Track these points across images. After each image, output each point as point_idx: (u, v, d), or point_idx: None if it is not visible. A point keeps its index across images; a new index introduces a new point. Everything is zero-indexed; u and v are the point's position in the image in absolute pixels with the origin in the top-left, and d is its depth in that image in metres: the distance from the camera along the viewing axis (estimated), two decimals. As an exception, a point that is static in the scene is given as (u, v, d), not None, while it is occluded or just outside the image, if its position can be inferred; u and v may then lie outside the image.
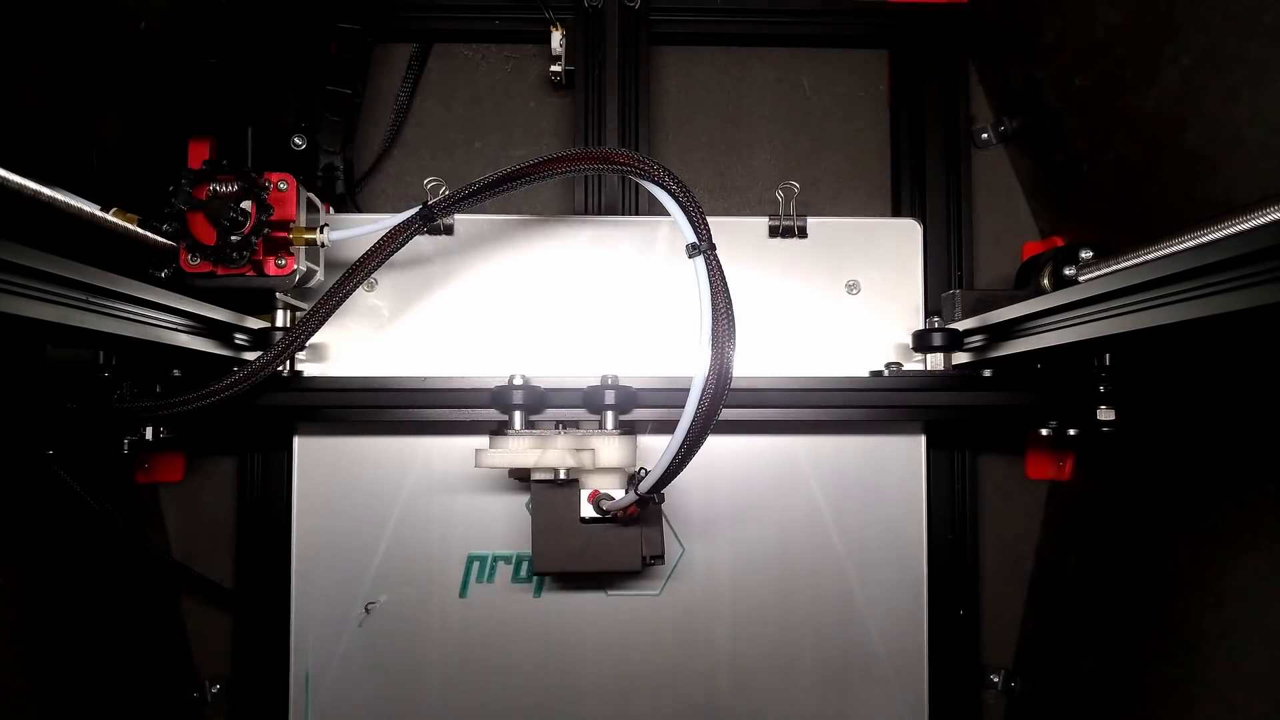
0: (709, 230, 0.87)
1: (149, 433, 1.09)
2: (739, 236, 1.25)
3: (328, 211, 1.22)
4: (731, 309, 0.84)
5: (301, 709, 1.21)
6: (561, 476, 1.01)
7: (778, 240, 1.26)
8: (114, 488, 1.20)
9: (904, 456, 1.25)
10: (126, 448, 1.09)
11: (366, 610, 1.21)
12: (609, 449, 1.02)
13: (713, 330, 0.84)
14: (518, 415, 1.07)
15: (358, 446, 1.22)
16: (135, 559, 1.21)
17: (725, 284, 0.85)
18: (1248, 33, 0.89)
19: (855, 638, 1.24)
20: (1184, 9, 0.96)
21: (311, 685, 1.21)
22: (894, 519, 1.25)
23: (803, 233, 1.26)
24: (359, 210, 1.36)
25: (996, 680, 1.35)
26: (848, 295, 1.26)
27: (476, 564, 1.22)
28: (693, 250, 0.86)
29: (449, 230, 1.23)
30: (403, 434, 1.22)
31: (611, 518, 1.04)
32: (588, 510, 1.04)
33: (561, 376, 1.13)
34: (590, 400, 1.10)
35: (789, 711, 1.24)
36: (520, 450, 1.01)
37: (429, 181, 1.13)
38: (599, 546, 1.05)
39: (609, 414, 1.07)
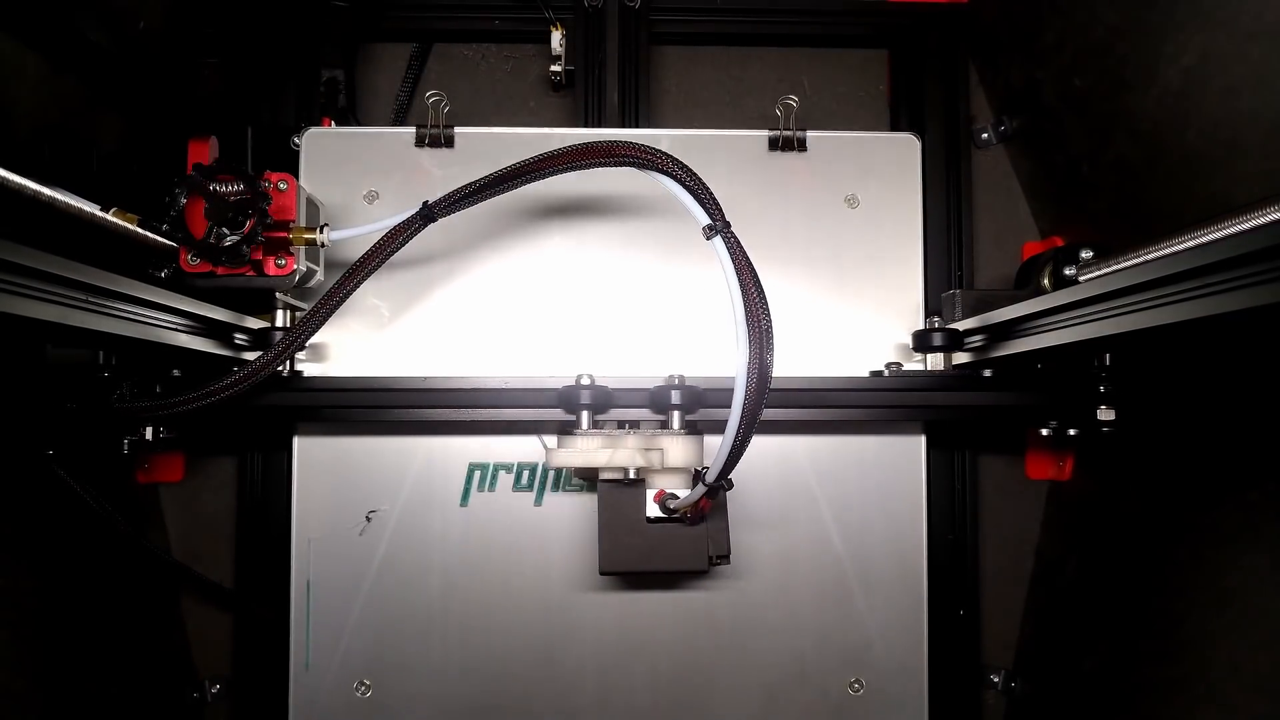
0: (722, 210, 0.86)
1: (149, 433, 1.09)
2: (739, 147, 1.26)
3: (328, 125, 1.21)
4: (758, 280, 0.83)
5: (303, 615, 1.21)
6: (631, 476, 1.01)
7: (777, 153, 1.25)
8: (114, 488, 1.20)
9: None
10: (126, 448, 1.08)
11: (368, 519, 1.21)
12: (677, 449, 1.03)
13: (745, 308, 0.83)
14: (585, 415, 1.07)
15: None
16: (135, 559, 1.21)
17: (748, 259, 0.84)
18: (1248, 33, 0.89)
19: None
20: (1184, 9, 0.96)
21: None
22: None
23: (802, 145, 1.26)
24: (359, 124, 1.35)
25: (996, 680, 1.35)
26: (847, 209, 1.26)
27: (478, 472, 1.22)
28: (709, 231, 0.85)
29: (449, 142, 1.24)
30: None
31: (677, 518, 1.04)
32: (653, 510, 1.04)
33: (626, 376, 1.13)
34: (656, 400, 1.10)
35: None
36: (591, 450, 1.01)
37: (430, 96, 1.11)
38: (665, 546, 1.04)
39: (675, 414, 1.07)
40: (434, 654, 1.21)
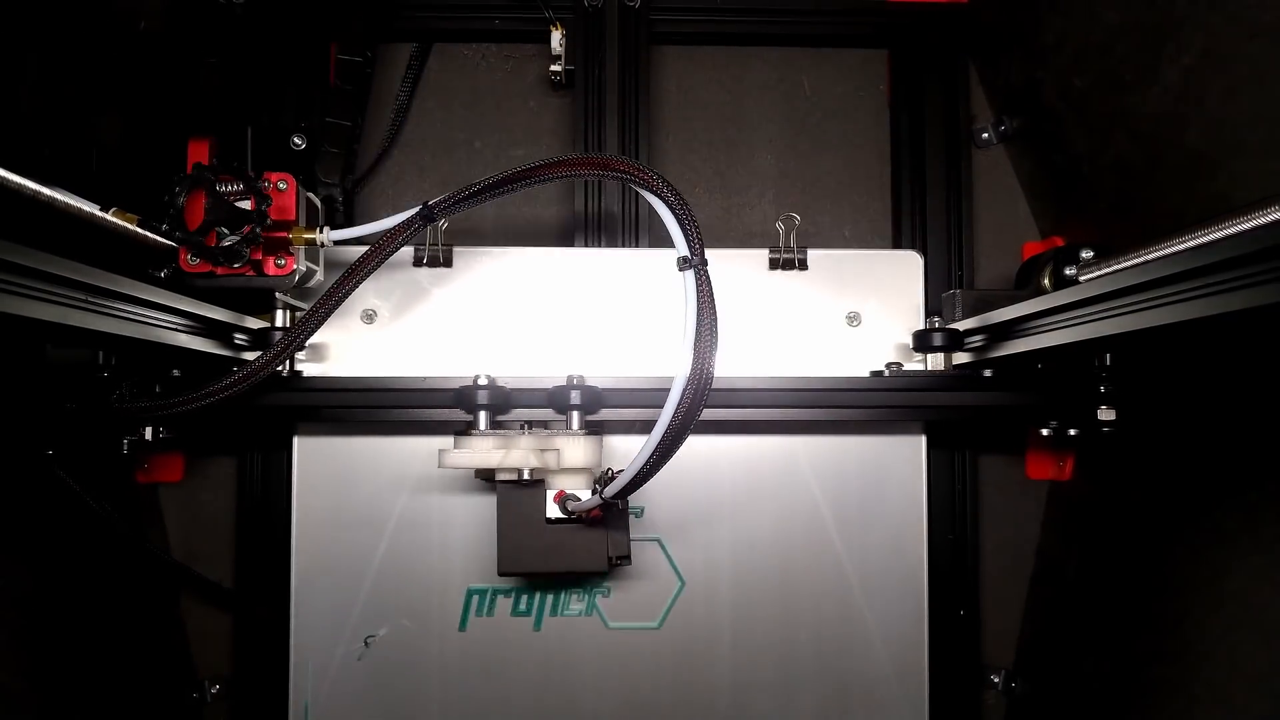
0: (703, 245, 0.86)
1: (149, 433, 1.09)
2: (740, 267, 1.25)
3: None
4: (715, 324, 0.84)
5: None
6: (526, 477, 1.00)
7: (777, 272, 1.25)
8: (114, 488, 1.20)
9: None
10: (126, 448, 1.08)
11: (366, 644, 1.21)
12: (574, 449, 1.02)
13: (695, 343, 0.83)
14: (483, 415, 1.07)
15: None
16: (135, 559, 1.21)
17: (713, 299, 0.84)
18: (1248, 33, 0.89)
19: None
20: (1184, 9, 0.96)
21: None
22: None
23: (803, 265, 1.25)
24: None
25: (997, 680, 1.35)
26: (848, 327, 1.25)
27: (476, 597, 1.22)
28: (684, 264, 0.86)
29: (448, 262, 1.23)
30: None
31: (578, 518, 1.04)
32: (554, 511, 1.04)
33: (528, 376, 1.13)
34: (555, 400, 1.10)
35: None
36: (484, 450, 1.01)
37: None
38: (565, 547, 1.05)
39: (575, 414, 1.07)
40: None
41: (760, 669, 1.24)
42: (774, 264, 1.25)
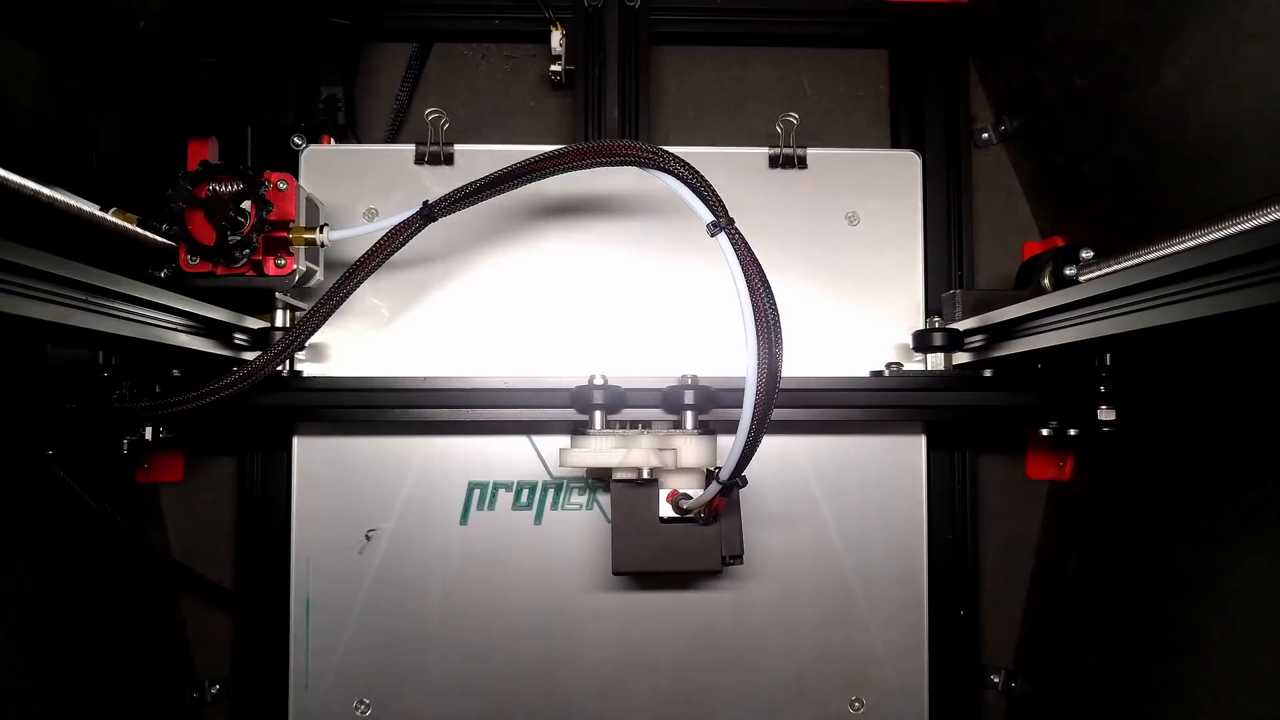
0: (724, 206, 0.86)
1: (149, 433, 1.09)
2: (740, 165, 1.26)
3: (328, 143, 1.21)
4: (764, 274, 0.83)
5: (302, 632, 1.21)
6: (645, 476, 1.01)
7: (777, 170, 1.25)
8: (114, 488, 1.20)
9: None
10: (126, 448, 1.09)
11: (367, 537, 1.21)
12: (691, 449, 1.03)
13: (752, 304, 0.83)
14: (598, 415, 1.07)
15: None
16: (135, 559, 1.21)
17: (754, 256, 0.84)
18: (1248, 33, 0.89)
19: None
20: (1184, 9, 0.96)
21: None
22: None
23: (802, 163, 1.26)
24: (359, 141, 1.35)
25: (997, 680, 1.35)
26: (848, 226, 1.26)
27: (477, 491, 1.22)
28: (713, 228, 0.85)
29: (449, 160, 1.23)
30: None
31: (690, 518, 1.04)
32: (666, 510, 1.04)
33: (641, 376, 1.13)
34: (670, 400, 1.10)
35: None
36: (604, 450, 1.01)
37: (430, 113, 1.11)
38: (678, 547, 1.05)
39: (689, 414, 1.07)
40: (433, 672, 1.21)
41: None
42: (773, 161, 1.26)
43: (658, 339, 1.25)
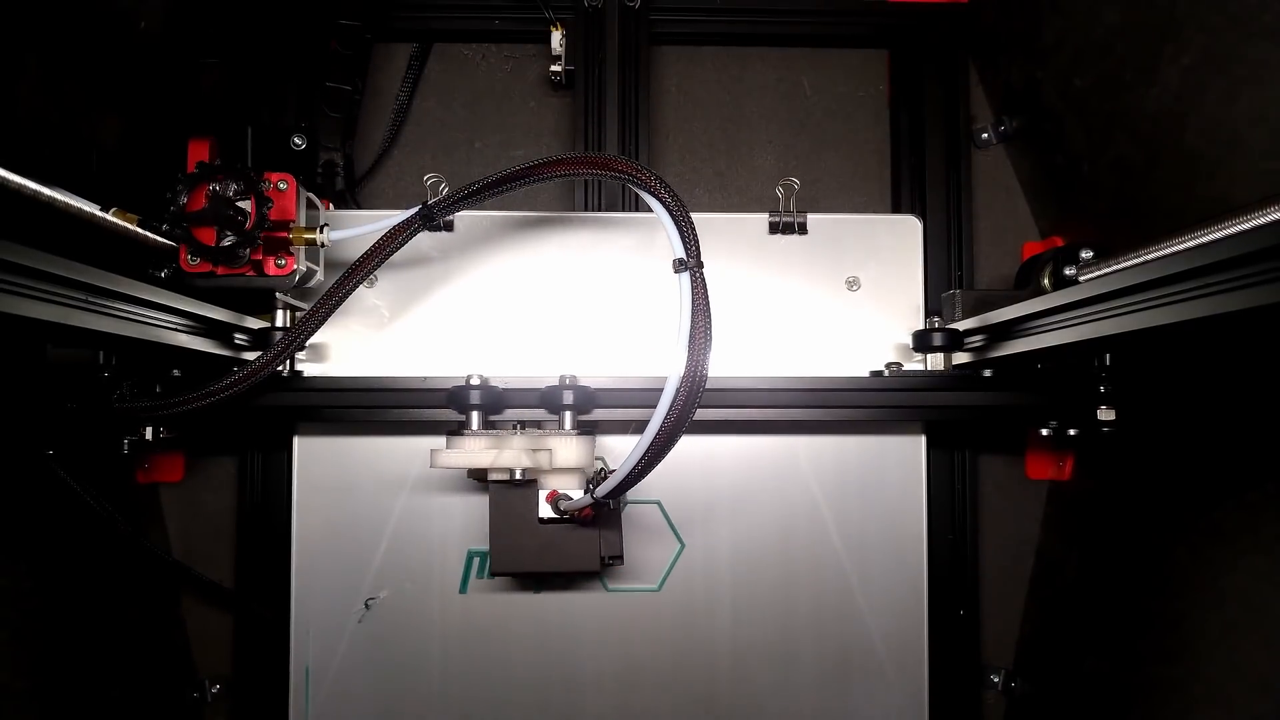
0: (699, 248, 0.86)
1: (149, 433, 1.09)
2: (740, 231, 1.25)
3: (327, 208, 1.22)
4: (710, 326, 0.84)
5: (302, 704, 1.21)
6: (518, 477, 1.00)
7: (778, 236, 1.26)
8: (114, 488, 1.20)
9: (904, 456, 1.25)
10: (126, 448, 1.09)
11: (367, 606, 1.21)
12: (566, 449, 1.02)
13: (689, 344, 0.84)
14: (475, 415, 1.07)
15: (358, 446, 1.22)
16: (135, 559, 1.21)
17: (707, 302, 0.85)
18: (1248, 33, 0.89)
19: (855, 637, 1.24)
20: (1184, 9, 0.96)
21: (312, 681, 1.21)
22: (894, 519, 1.25)
23: (802, 229, 1.26)
24: (359, 207, 1.36)
25: (996, 680, 1.35)
26: (848, 292, 1.26)
27: (476, 559, 1.22)
28: (679, 266, 0.86)
29: (449, 227, 1.23)
30: (403, 434, 1.22)
31: (570, 518, 1.04)
32: (546, 510, 1.04)
33: (521, 377, 1.13)
34: (548, 400, 1.10)
35: (789, 711, 1.24)
36: (476, 450, 1.01)
37: (429, 178, 1.13)
38: (557, 547, 1.05)
39: (567, 414, 1.08)
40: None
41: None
42: (774, 228, 1.25)
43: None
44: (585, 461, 1.04)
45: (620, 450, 1.16)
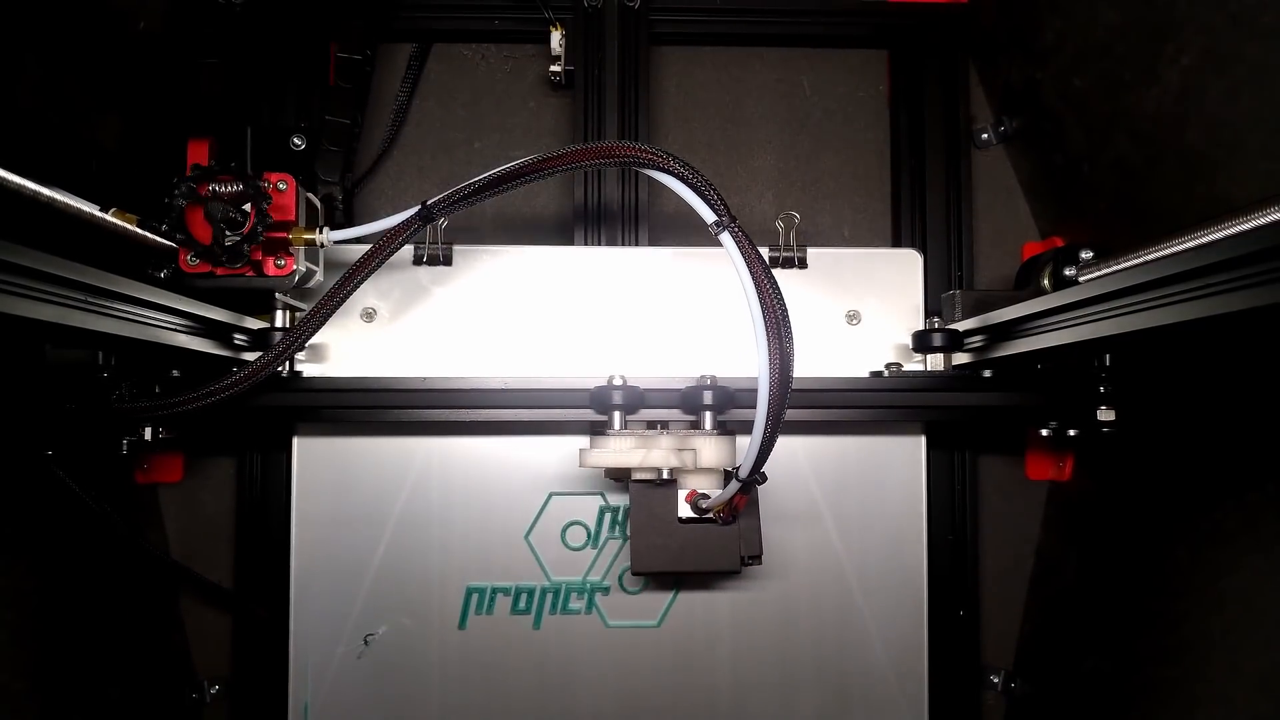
0: (726, 204, 0.86)
1: (148, 433, 1.08)
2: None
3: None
4: (771, 275, 0.84)
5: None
6: (665, 476, 1.01)
7: (777, 271, 1.25)
8: (113, 488, 1.20)
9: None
10: (125, 448, 1.08)
11: (366, 642, 1.21)
12: (710, 449, 1.03)
13: (760, 300, 0.83)
14: (617, 415, 1.07)
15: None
16: (135, 559, 1.21)
17: (758, 253, 0.84)
18: (1248, 33, 0.89)
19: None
20: (1184, 9, 0.96)
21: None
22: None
23: (802, 264, 1.25)
24: (357, 240, 1.35)
25: (996, 681, 1.35)
26: (848, 326, 1.25)
27: (475, 595, 1.22)
28: (716, 227, 0.85)
29: (447, 261, 1.23)
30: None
31: (709, 518, 1.04)
32: (685, 510, 1.05)
33: (658, 377, 1.13)
34: (689, 400, 1.09)
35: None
36: (624, 450, 1.01)
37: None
38: (697, 547, 1.05)
39: (708, 414, 1.07)
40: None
41: (760, 669, 1.24)
42: (773, 262, 1.25)
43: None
44: (726, 461, 1.03)
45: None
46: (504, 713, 1.22)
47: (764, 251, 1.23)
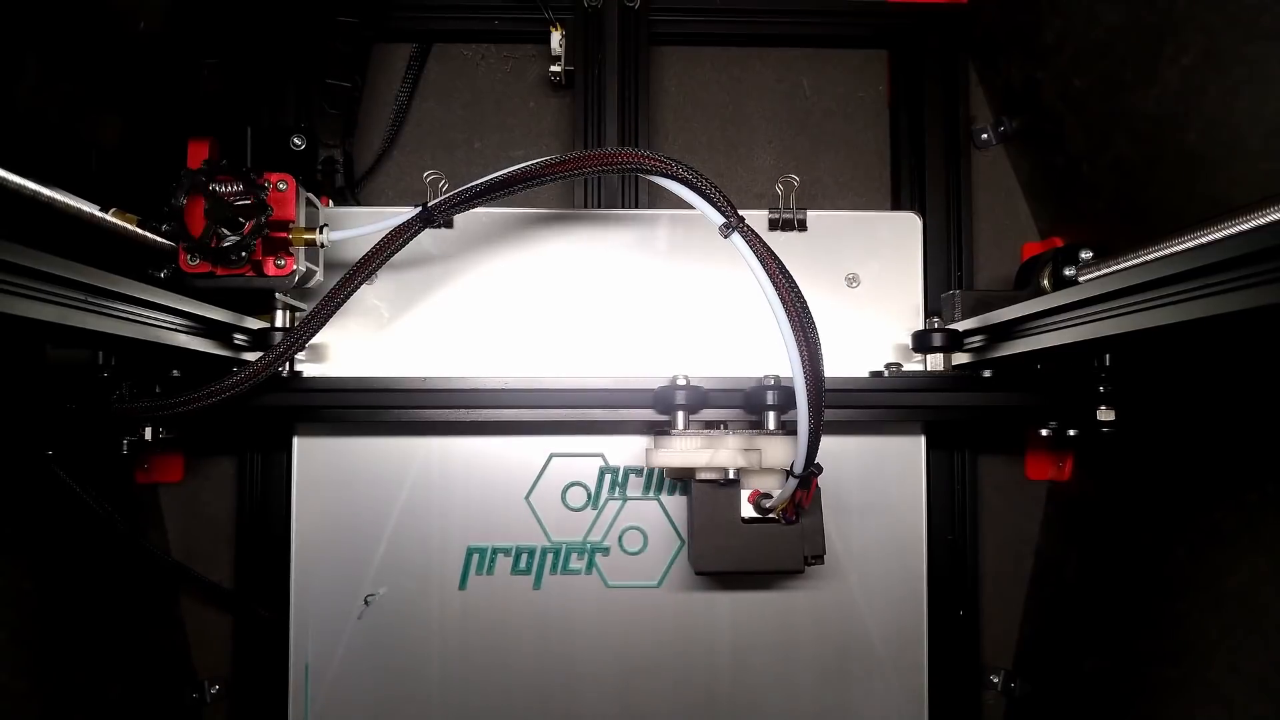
0: (733, 205, 0.87)
1: (148, 433, 1.09)
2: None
3: (326, 205, 1.22)
4: (786, 271, 0.84)
5: (301, 704, 1.21)
6: (730, 476, 1.01)
7: (777, 233, 1.26)
8: (114, 488, 1.20)
9: (904, 456, 1.25)
10: (126, 448, 1.08)
11: (366, 602, 1.21)
12: (774, 449, 1.03)
13: (778, 296, 0.84)
14: (680, 415, 1.07)
15: (358, 447, 1.22)
16: (135, 559, 1.21)
17: (770, 250, 0.85)
18: (1248, 33, 0.89)
19: (855, 638, 1.24)
20: (1184, 9, 0.96)
21: (311, 677, 1.21)
22: (894, 519, 1.25)
23: (802, 226, 1.26)
24: (358, 204, 1.36)
25: (996, 680, 1.35)
26: (847, 289, 1.26)
27: (476, 556, 1.22)
28: (725, 230, 0.86)
29: (448, 224, 1.23)
30: (402, 434, 1.22)
31: (771, 518, 1.04)
32: (748, 510, 1.05)
33: (720, 377, 1.13)
34: (752, 400, 1.09)
35: (789, 710, 1.24)
36: (691, 450, 1.01)
37: (429, 175, 1.13)
38: (760, 546, 1.05)
39: (771, 414, 1.07)
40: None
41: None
42: (773, 225, 1.26)
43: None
44: (789, 460, 1.03)
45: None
46: (504, 671, 1.22)
47: (763, 214, 1.26)
